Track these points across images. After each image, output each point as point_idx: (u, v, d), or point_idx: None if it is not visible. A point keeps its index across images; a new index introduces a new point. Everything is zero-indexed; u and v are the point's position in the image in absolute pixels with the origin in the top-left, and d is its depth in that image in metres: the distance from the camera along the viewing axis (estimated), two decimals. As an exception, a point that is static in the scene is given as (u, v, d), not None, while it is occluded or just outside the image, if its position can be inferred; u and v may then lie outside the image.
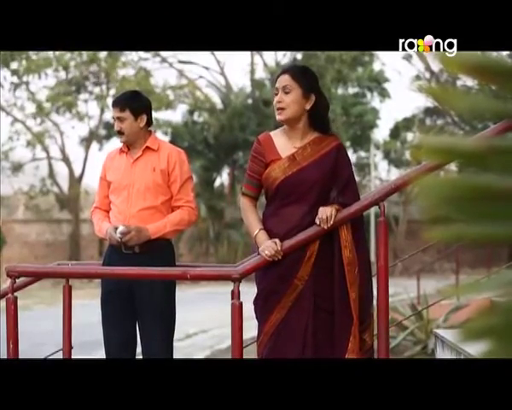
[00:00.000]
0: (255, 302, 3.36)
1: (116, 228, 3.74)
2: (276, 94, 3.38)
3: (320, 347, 3.25)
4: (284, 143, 3.39)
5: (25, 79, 22.28)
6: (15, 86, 22.50)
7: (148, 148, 3.91)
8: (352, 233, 3.29)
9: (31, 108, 22.72)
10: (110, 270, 3.74)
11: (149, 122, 3.98)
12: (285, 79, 3.37)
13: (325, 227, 3.23)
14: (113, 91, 22.59)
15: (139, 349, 3.85)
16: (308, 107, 3.35)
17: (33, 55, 21.48)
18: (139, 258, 3.74)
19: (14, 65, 21.75)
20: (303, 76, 3.39)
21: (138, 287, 3.77)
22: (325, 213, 3.23)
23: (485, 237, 0.88)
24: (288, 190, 3.33)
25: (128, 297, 3.79)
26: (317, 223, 3.24)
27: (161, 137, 21.49)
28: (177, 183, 3.88)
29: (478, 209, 0.85)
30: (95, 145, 24.04)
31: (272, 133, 3.45)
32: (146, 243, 3.77)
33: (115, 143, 22.39)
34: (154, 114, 21.86)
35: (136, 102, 3.95)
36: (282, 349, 3.25)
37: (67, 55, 21.61)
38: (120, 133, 3.90)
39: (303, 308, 3.26)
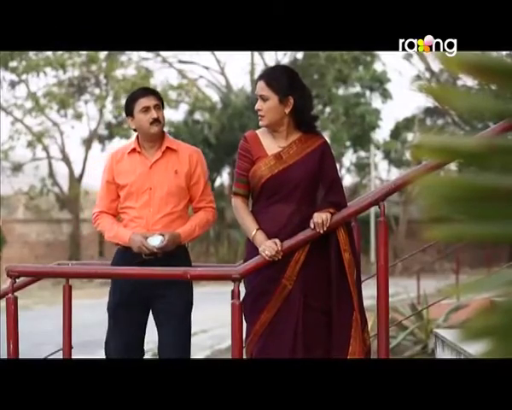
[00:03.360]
0: (244, 301, 3.32)
1: (146, 237, 3.55)
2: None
3: (311, 346, 3.24)
4: (270, 142, 3.40)
5: (24, 77, 22.23)
6: (14, 84, 22.45)
7: (168, 148, 3.71)
8: (348, 235, 3.31)
9: (29, 106, 22.67)
10: (110, 270, 3.73)
11: None
12: (261, 87, 3.38)
13: (321, 231, 3.23)
14: (112, 92, 22.55)
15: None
16: (287, 111, 3.34)
17: (33, 55, 21.44)
18: (156, 264, 3.56)
19: (13, 64, 21.69)
20: (278, 82, 3.34)
21: (156, 299, 3.63)
22: (320, 217, 3.23)
23: (485, 237, 0.88)
24: (273, 188, 3.33)
25: (143, 308, 3.64)
26: (312, 227, 3.24)
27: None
28: (200, 184, 3.74)
29: (478, 209, 0.85)
30: (96, 146, 24.01)
31: (258, 131, 3.45)
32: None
33: (117, 143, 22.41)
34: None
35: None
36: (271, 349, 3.25)
37: (66, 54, 21.55)
38: (158, 122, 3.68)
39: (292, 308, 3.26)
